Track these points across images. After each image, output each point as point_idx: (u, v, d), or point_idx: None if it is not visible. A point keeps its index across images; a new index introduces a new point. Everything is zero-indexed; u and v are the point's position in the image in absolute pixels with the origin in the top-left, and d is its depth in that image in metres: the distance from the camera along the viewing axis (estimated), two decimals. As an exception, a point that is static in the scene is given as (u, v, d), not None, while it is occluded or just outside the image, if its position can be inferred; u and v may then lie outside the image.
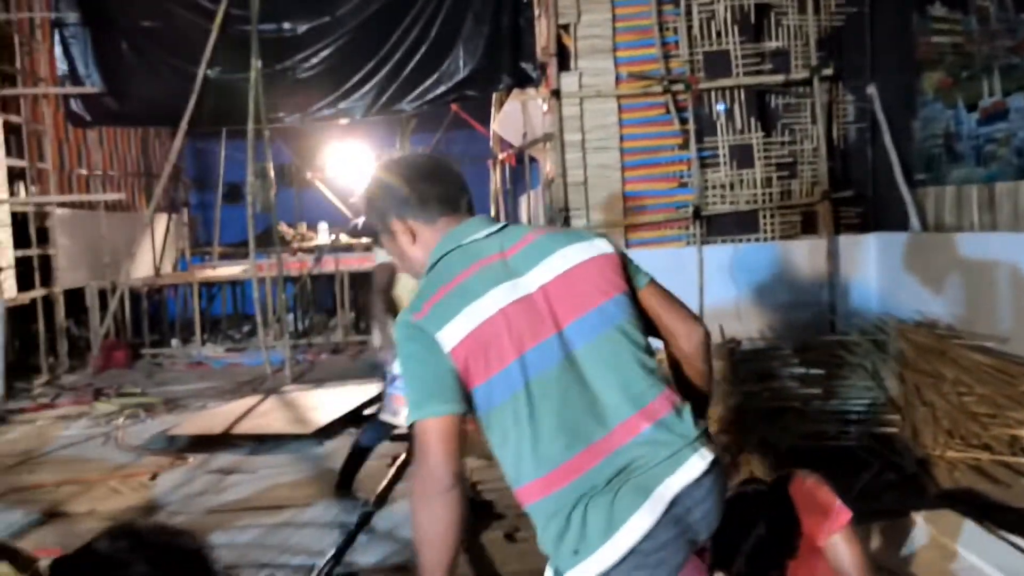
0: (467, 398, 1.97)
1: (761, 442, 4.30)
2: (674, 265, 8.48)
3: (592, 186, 8.55)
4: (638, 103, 8.57)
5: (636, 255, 8.06)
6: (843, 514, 2.48)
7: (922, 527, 3.50)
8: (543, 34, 8.96)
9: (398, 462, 5.31)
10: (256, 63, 8.90)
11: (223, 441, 6.26)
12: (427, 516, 1.90)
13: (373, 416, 5.21)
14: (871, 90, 8.48)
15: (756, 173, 8.61)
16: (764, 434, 4.40)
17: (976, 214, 7.23)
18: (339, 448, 6.10)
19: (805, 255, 8.54)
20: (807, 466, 2.74)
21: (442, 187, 2.24)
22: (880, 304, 8.17)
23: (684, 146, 8.56)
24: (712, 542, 2.12)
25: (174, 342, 11.12)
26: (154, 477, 5.59)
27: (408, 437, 5.68)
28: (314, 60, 9.45)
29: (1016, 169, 6.79)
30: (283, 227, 13.33)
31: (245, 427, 6.49)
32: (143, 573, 1.66)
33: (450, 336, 1.96)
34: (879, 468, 4.24)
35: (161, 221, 12.53)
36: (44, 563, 1.69)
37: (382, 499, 4.74)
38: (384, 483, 4.87)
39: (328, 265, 11.25)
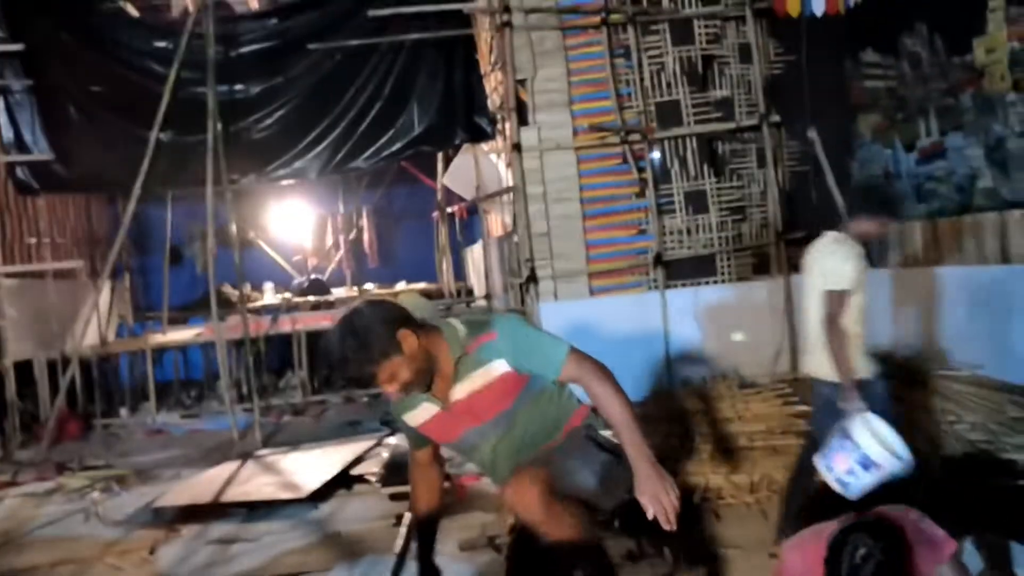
0: None
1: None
2: (637, 311, 8.70)
3: (555, 236, 8.72)
4: (595, 154, 8.80)
5: (600, 302, 8.23)
6: (949, 545, 2.62)
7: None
8: (499, 89, 9.16)
9: (405, 520, 5.31)
10: (215, 124, 8.85)
11: (213, 510, 6.14)
12: None
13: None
14: (812, 134, 8.86)
15: (711, 218, 8.89)
16: (770, 471, 4.55)
17: (920, 249, 7.61)
18: (336, 511, 6.05)
19: (763, 295, 8.82)
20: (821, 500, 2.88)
21: None
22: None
23: (641, 194, 8.80)
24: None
25: (123, 411, 10.82)
26: (152, 551, 5.45)
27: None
28: (268, 121, 9.44)
29: (956, 205, 7.19)
30: (227, 288, 13.15)
31: (234, 494, 6.37)
32: None
33: None
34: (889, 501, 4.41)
35: (105, 287, 12.24)
36: None
37: (402, 558, 4.73)
38: (401, 543, 4.87)
39: (285, 325, 11.13)
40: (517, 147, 8.69)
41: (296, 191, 14.24)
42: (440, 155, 12.45)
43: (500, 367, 2.71)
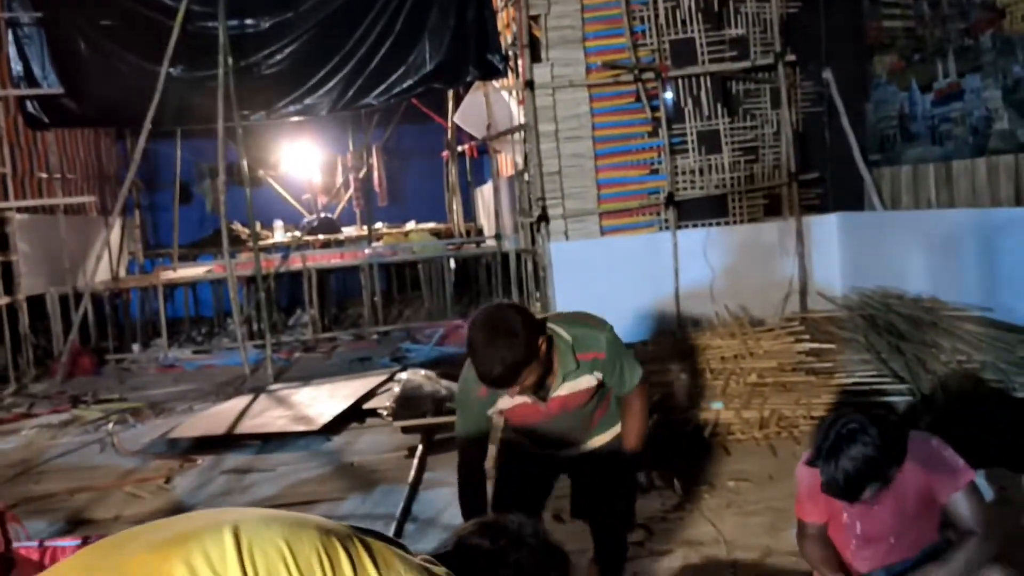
0: None
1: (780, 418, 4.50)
2: (648, 251, 8.70)
3: (567, 175, 8.68)
4: (609, 92, 8.72)
5: (611, 242, 8.23)
6: (967, 473, 2.65)
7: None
8: (513, 25, 9.06)
9: (418, 453, 5.39)
10: (226, 60, 8.78)
11: (228, 441, 6.23)
12: None
13: None
14: (827, 74, 8.77)
15: (724, 158, 8.84)
16: (780, 406, 4.59)
17: (934, 191, 7.57)
18: (348, 443, 6.14)
19: (774, 236, 8.81)
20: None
21: None
22: (844, 281, 8.48)
23: (654, 133, 8.74)
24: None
25: (135, 347, 10.92)
26: (168, 480, 5.55)
27: (426, 429, 5.75)
28: (278, 56, 9.37)
29: (972, 147, 7.14)
30: (237, 226, 13.17)
31: (248, 427, 6.47)
32: (529, 560, 1.76)
33: None
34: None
35: (116, 224, 12.27)
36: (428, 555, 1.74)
37: (414, 488, 4.81)
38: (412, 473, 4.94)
39: (295, 263, 11.17)
40: (529, 84, 8.62)
41: (306, 129, 14.18)
42: (451, 93, 12.35)
43: (596, 377, 3.08)
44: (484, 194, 13.23)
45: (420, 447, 5.60)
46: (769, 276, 8.70)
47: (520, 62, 8.81)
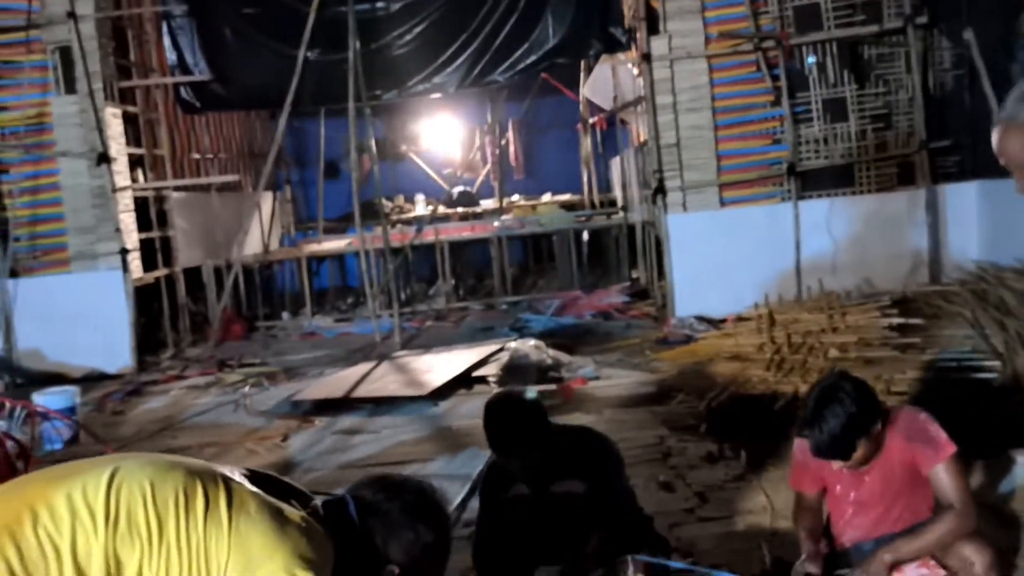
0: None
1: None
2: (769, 222, 8.60)
3: (685, 147, 8.68)
4: (728, 62, 8.64)
5: (730, 213, 8.20)
6: (948, 447, 2.67)
7: (1023, 466, 3.64)
8: (631, -2, 9.08)
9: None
10: (354, 43, 9.20)
11: (344, 404, 6.66)
12: None
13: None
14: (968, 35, 8.34)
15: (850, 126, 8.60)
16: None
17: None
18: (452, 408, 6.45)
19: (903, 206, 8.52)
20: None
21: None
22: (982, 253, 8.10)
23: (776, 103, 8.60)
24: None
25: (285, 315, 11.65)
26: (285, 438, 6.01)
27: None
28: (408, 37, 9.73)
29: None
30: (382, 200, 13.74)
31: (364, 391, 6.88)
32: (399, 512, 2.00)
33: None
34: (979, 413, 4.34)
35: (266, 199, 13.07)
36: (317, 501, 2.00)
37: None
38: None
39: (429, 236, 11.61)
40: (647, 57, 8.64)
41: (446, 105, 14.61)
42: (583, 65, 12.45)
43: None
44: (618, 165, 13.28)
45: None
46: (896, 247, 8.43)
47: (638, 35, 8.83)
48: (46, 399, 6.17)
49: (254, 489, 1.90)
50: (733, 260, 8.43)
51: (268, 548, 1.78)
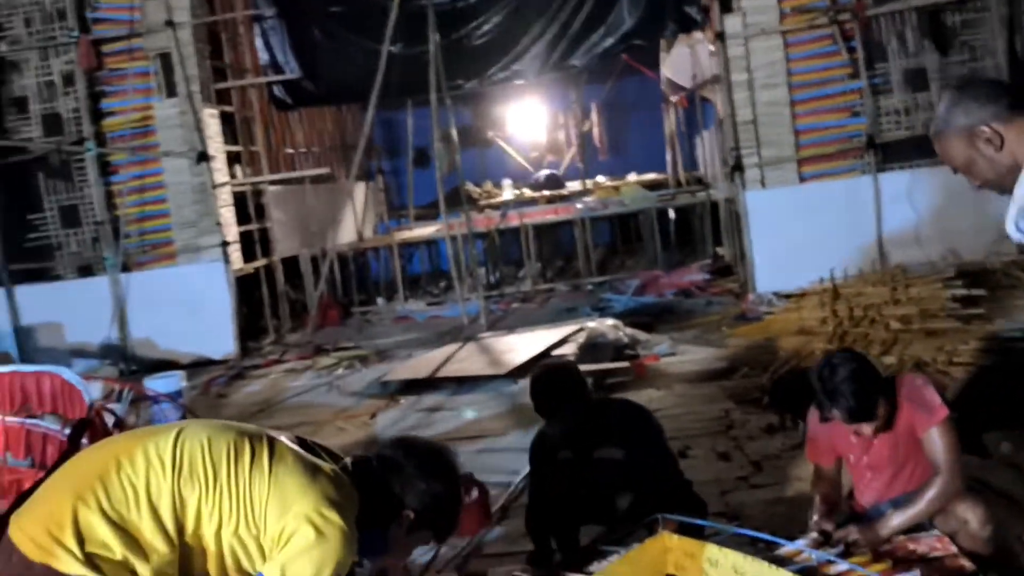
0: None
1: (917, 363, 4.52)
2: (849, 196, 8.57)
3: (762, 124, 8.70)
4: (803, 37, 8.62)
5: (809, 188, 8.22)
6: (941, 411, 2.81)
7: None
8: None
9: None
10: (434, 36, 9.49)
11: (429, 384, 7.00)
12: None
13: None
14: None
15: (932, 95, 8.48)
16: (920, 353, 4.60)
17: None
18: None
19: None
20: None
21: None
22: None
23: (854, 75, 8.55)
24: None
25: (380, 300, 12.11)
26: (373, 416, 6.39)
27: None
28: (486, 27, 9.99)
29: None
30: (469, 186, 14.08)
31: (447, 371, 7.22)
32: (414, 468, 2.36)
33: None
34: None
35: (360, 189, 13.53)
36: (347, 460, 2.40)
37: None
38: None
39: (513, 220, 11.87)
40: (721, 35, 8.70)
41: (530, 90, 14.81)
42: (664, 44, 12.49)
43: None
44: (703, 142, 13.30)
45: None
46: (980, 218, 8.25)
47: (712, 13, 8.88)
48: (155, 383, 6.68)
49: (294, 447, 2.28)
50: (813, 235, 8.43)
51: (301, 490, 2.16)
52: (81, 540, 2.07)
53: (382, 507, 2.31)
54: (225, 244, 9.39)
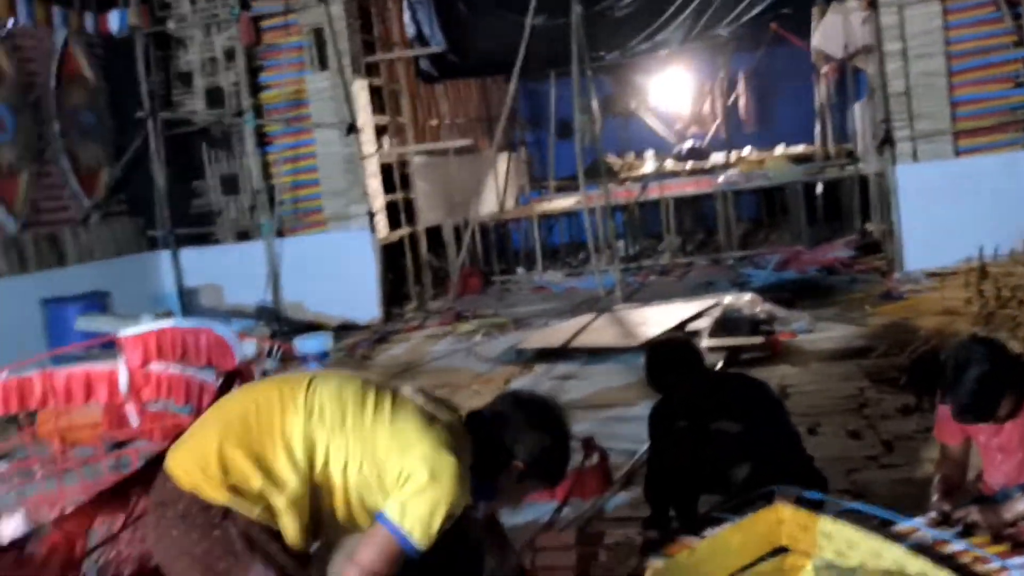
0: None
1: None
2: (1007, 171, 8.18)
3: (916, 95, 8.38)
4: (964, 3, 8.23)
5: (965, 163, 7.92)
6: None
7: None
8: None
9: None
10: (577, 7, 9.52)
11: (563, 353, 7.13)
12: None
13: None
14: None
15: (1105, 63, 7.97)
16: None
17: None
18: (664, 358, 6.73)
19: None
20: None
21: None
22: None
23: (1019, 43, 8.10)
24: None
25: (519, 270, 12.31)
26: (507, 382, 6.57)
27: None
28: (629, -2, 9.95)
29: None
30: (610, 158, 14.07)
31: (581, 341, 7.32)
32: (524, 421, 2.52)
33: None
34: None
35: (502, 160, 13.74)
36: (462, 413, 2.59)
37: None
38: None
39: (654, 192, 11.82)
40: (873, 3, 8.39)
41: (675, 59, 14.62)
42: (815, 12, 12.11)
43: None
44: (854, 114, 12.85)
45: (719, 364, 6.06)
46: None
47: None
48: (304, 344, 7.06)
49: (416, 398, 2.47)
50: (968, 211, 8.08)
51: (419, 435, 2.34)
52: (225, 472, 2.30)
53: (493, 457, 2.46)
54: (371, 213, 9.75)
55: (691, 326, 7.38)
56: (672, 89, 16.24)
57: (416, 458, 2.30)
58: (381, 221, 10.09)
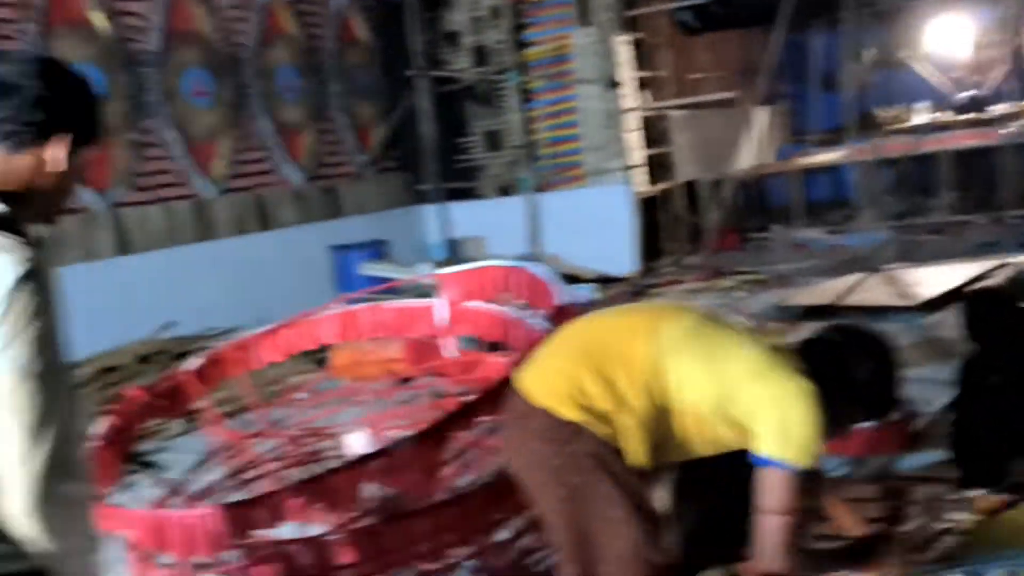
0: None
1: None
2: None
3: None
4: None
5: None
6: None
7: None
8: None
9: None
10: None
11: (831, 311, 6.90)
12: None
13: None
14: None
15: None
16: None
17: None
18: (944, 320, 6.37)
19: None
20: None
21: None
22: None
23: None
24: None
25: (777, 226, 11.96)
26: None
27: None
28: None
29: None
30: (877, 110, 13.31)
31: (852, 299, 7.07)
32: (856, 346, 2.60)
33: None
34: None
35: (762, 114, 13.33)
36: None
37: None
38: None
39: (928, 145, 11.09)
40: None
41: (952, 3, 13.58)
42: None
43: None
44: None
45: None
46: None
47: None
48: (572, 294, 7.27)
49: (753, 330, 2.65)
50: None
51: (770, 363, 2.45)
52: (578, 393, 2.46)
53: (827, 382, 2.48)
54: (629, 168, 9.80)
55: (972, 288, 6.94)
56: (949, 36, 15.03)
57: (774, 385, 2.39)
58: (639, 176, 10.12)
